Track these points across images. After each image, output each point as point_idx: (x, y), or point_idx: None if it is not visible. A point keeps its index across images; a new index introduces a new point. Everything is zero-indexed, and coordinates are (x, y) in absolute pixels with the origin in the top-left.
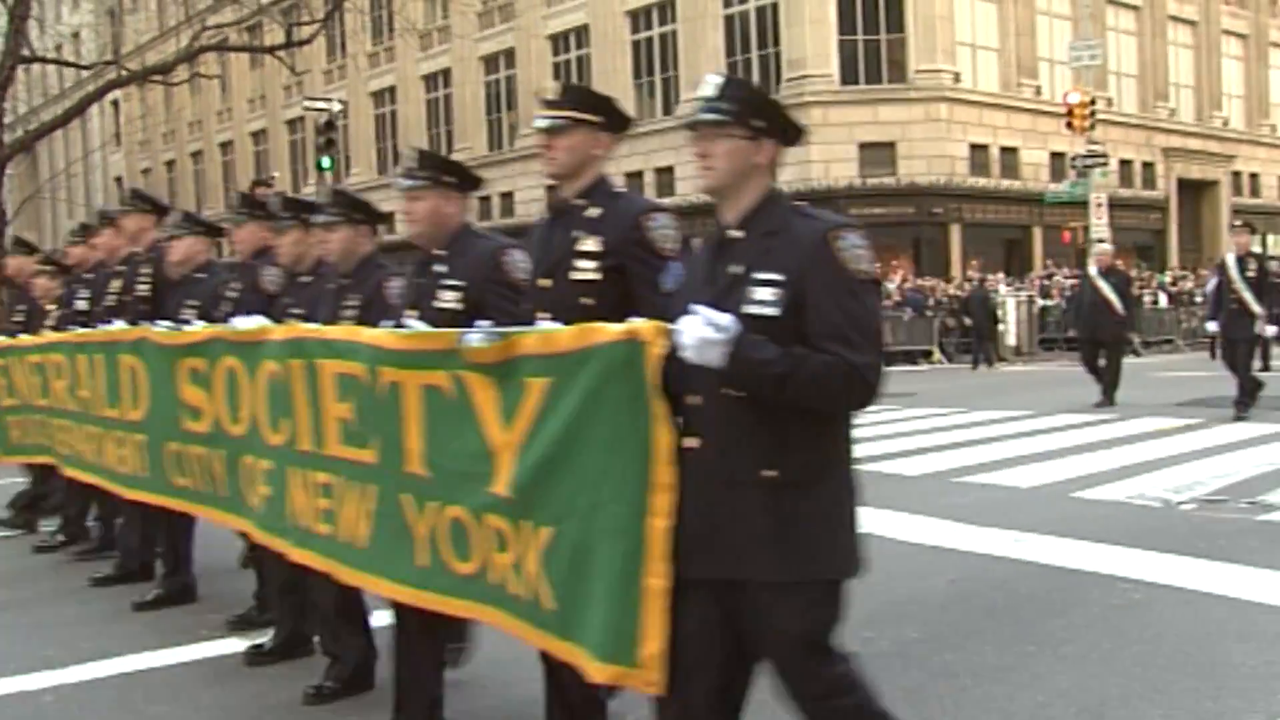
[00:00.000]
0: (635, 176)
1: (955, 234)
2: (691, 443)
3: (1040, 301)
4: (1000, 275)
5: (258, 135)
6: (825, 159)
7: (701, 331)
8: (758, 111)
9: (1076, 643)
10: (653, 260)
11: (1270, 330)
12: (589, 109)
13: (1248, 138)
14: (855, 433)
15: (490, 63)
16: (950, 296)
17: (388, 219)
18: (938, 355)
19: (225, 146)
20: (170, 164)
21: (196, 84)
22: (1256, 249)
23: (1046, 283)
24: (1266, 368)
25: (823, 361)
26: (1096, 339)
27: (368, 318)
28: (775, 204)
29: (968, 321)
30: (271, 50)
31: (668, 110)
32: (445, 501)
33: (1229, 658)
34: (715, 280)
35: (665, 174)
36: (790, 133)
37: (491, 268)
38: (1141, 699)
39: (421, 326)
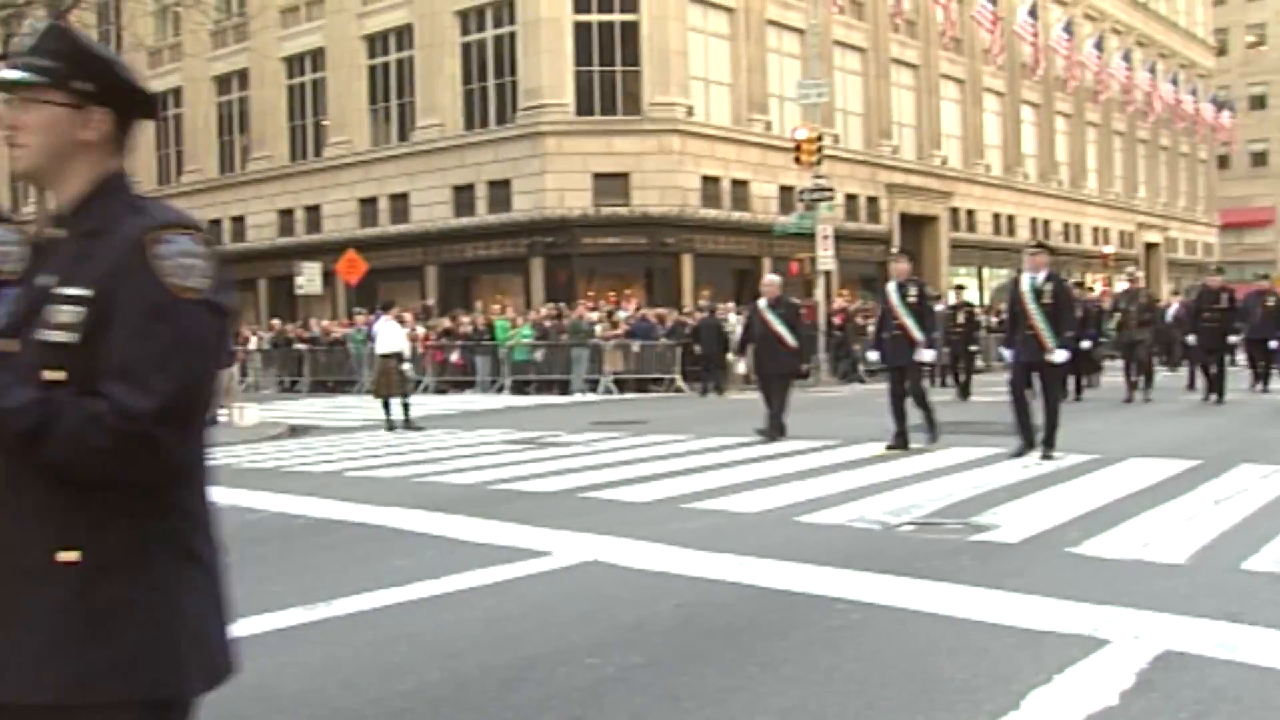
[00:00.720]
0: (370, 203)
1: (687, 263)
2: None
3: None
4: (730, 304)
5: None
6: (560, 188)
7: None
8: (84, 71)
9: (797, 663)
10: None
11: (928, 355)
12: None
13: (964, 176)
14: (579, 461)
15: (223, 83)
16: (681, 324)
17: None
18: (680, 382)
19: None
20: None
21: None
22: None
23: None
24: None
25: (88, 414)
26: (767, 372)
27: None
28: (110, 194)
29: (698, 349)
30: None
31: (403, 137)
32: None
33: (940, 672)
34: (26, 294)
35: (400, 200)
36: (133, 102)
37: None
38: (858, 716)
39: None
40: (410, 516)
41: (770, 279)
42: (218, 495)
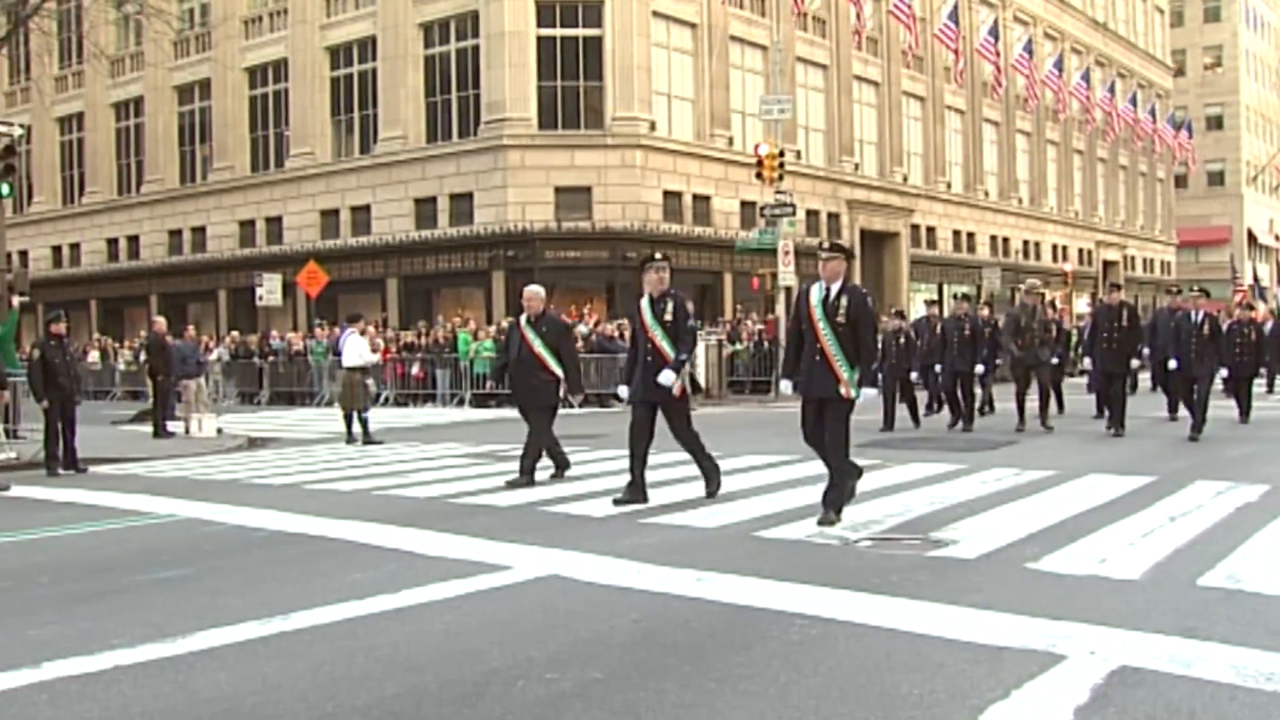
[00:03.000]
0: (331, 215)
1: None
2: None
3: (729, 346)
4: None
5: None
6: (522, 201)
7: None
8: None
9: (755, 679)
10: None
11: (666, 378)
12: None
13: (925, 193)
14: (538, 475)
15: (185, 93)
16: None
17: None
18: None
19: None
20: None
21: None
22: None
23: (736, 327)
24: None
25: None
26: (522, 402)
27: None
28: None
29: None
30: None
31: (365, 149)
32: None
33: (898, 688)
34: None
35: (361, 212)
36: None
37: None
38: None
39: None
40: (369, 530)
41: (531, 290)
42: (176, 507)
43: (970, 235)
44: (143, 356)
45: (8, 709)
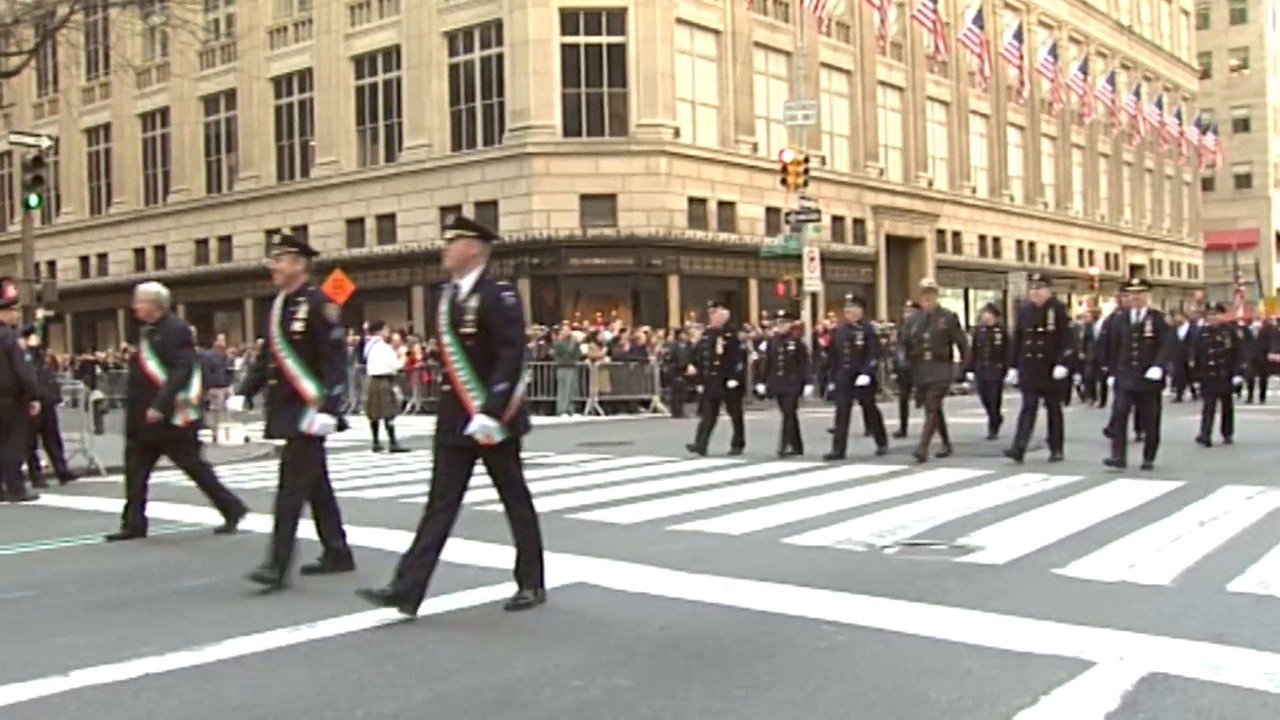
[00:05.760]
0: (356, 223)
1: (674, 285)
2: None
3: (753, 354)
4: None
5: None
6: (546, 209)
7: None
8: None
9: (783, 685)
10: None
11: (321, 422)
12: None
13: (950, 198)
14: (565, 482)
15: (210, 103)
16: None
17: None
18: (656, 404)
19: None
20: None
21: None
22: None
23: (760, 334)
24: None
25: None
26: (137, 431)
27: None
28: None
29: (691, 371)
30: None
31: (390, 157)
32: None
33: (925, 695)
34: None
35: (387, 220)
36: None
37: None
38: None
39: None
40: (396, 538)
41: (141, 290)
42: (203, 515)
43: (996, 240)
44: None
45: (38, 716)
